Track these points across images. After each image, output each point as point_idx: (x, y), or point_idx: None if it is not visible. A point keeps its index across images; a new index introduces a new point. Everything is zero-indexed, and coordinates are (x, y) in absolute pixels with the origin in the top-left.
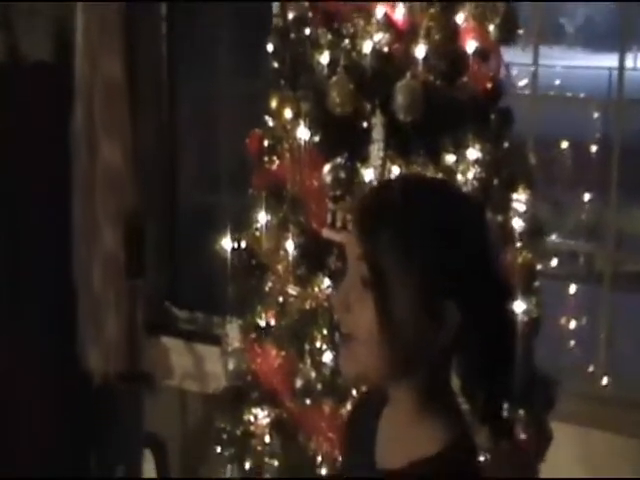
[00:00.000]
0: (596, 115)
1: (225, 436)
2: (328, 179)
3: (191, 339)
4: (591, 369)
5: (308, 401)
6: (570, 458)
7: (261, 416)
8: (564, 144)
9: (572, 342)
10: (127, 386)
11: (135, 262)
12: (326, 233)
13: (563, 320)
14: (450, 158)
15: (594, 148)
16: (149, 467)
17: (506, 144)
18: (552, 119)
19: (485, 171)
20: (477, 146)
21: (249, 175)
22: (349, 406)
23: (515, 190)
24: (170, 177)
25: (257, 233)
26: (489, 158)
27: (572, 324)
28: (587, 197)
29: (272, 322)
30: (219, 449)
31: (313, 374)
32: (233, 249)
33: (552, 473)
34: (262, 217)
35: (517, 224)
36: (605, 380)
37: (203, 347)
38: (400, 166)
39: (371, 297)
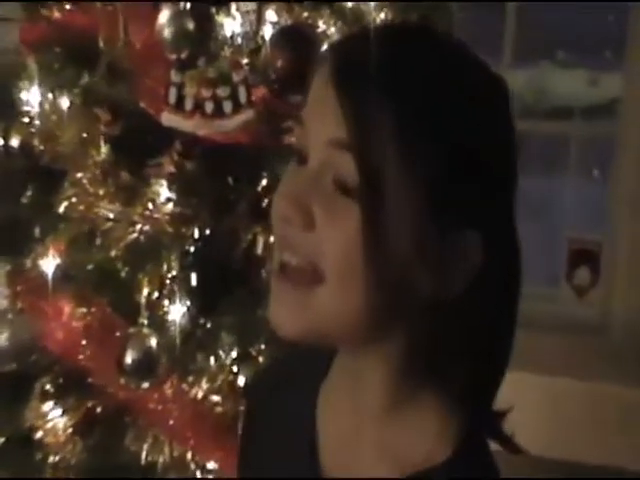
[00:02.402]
0: None
1: None
2: (167, 34)
3: None
4: None
5: (146, 383)
6: None
7: (55, 415)
8: None
9: None
10: None
11: None
12: (168, 118)
13: None
14: None
15: None
16: None
17: None
18: None
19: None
20: None
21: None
22: (204, 383)
23: None
24: None
25: (38, 123)
26: None
27: None
28: None
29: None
30: None
31: (153, 341)
32: None
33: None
34: (44, 97)
35: None
36: None
37: None
38: (279, 11)
39: (354, 209)
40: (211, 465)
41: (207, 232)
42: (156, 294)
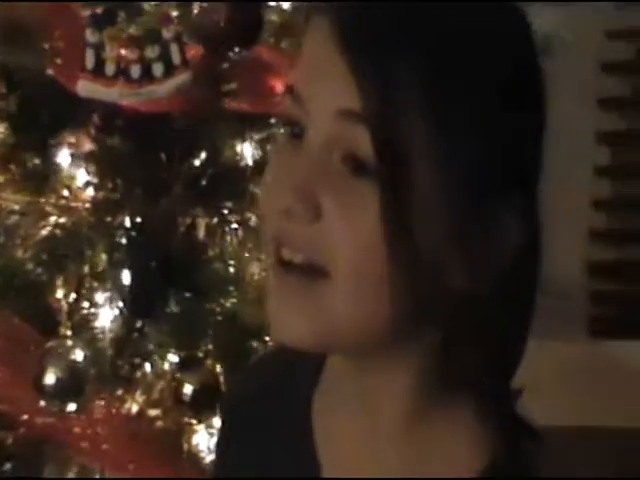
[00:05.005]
0: None
1: None
2: None
3: None
4: None
5: (73, 405)
6: None
7: None
8: None
9: None
10: None
11: None
12: (85, 88)
13: None
14: None
15: None
16: None
17: None
18: None
19: None
20: None
21: None
22: (139, 395)
23: None
24: None
25: None
26: None
27: None
28: None
29: None
30: None
31: (80, 354)
32: None
33: None
34: None
35: None
36: None
37: None
38: None
39: (370, 192)
40: None
41: (138, 219)
42: (74, 296)
